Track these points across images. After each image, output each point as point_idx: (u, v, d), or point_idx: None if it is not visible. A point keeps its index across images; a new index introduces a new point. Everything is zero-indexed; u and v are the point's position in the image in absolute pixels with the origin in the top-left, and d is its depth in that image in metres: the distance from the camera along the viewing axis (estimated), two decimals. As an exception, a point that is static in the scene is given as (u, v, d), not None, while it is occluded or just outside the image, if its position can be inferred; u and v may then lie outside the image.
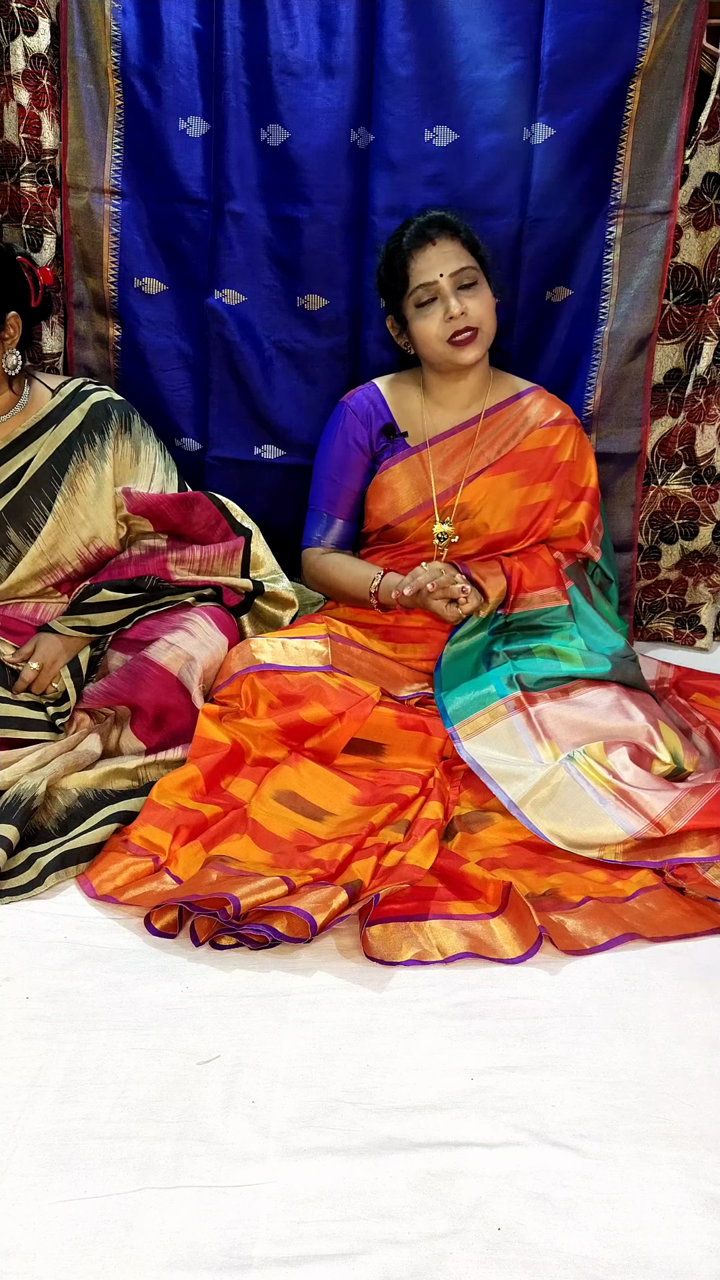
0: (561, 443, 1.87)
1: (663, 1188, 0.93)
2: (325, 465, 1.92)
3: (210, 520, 1.82)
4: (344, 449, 1.89)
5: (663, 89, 1.85)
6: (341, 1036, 1.11)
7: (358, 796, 1.54)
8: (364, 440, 1.88)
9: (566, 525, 1.90)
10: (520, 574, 1.83)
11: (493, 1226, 0.88)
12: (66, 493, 1.73)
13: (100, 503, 1.75)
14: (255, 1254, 0.86)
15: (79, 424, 1.74)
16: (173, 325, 2.03)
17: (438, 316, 1.74)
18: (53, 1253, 0.85)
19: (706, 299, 1.99)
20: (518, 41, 1.83)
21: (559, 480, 1.86)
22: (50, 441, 1.72)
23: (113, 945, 1.25)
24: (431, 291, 1.74)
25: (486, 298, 1.77)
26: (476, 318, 1.74)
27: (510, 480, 1.85)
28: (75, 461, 1.73)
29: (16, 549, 1.73)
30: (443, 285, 1.73)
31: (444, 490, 1.85)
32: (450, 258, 1.74)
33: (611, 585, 2.00)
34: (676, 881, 1.37)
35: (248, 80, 1.88)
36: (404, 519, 1.87)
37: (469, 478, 1.85)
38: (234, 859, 1.38)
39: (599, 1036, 1.12)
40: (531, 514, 1.86)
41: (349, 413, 1.90)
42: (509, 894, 1.31)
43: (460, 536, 1.86)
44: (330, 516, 1.92)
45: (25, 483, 1.71)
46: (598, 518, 1.94)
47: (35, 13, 1.83)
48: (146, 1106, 1.01)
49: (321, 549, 1.93)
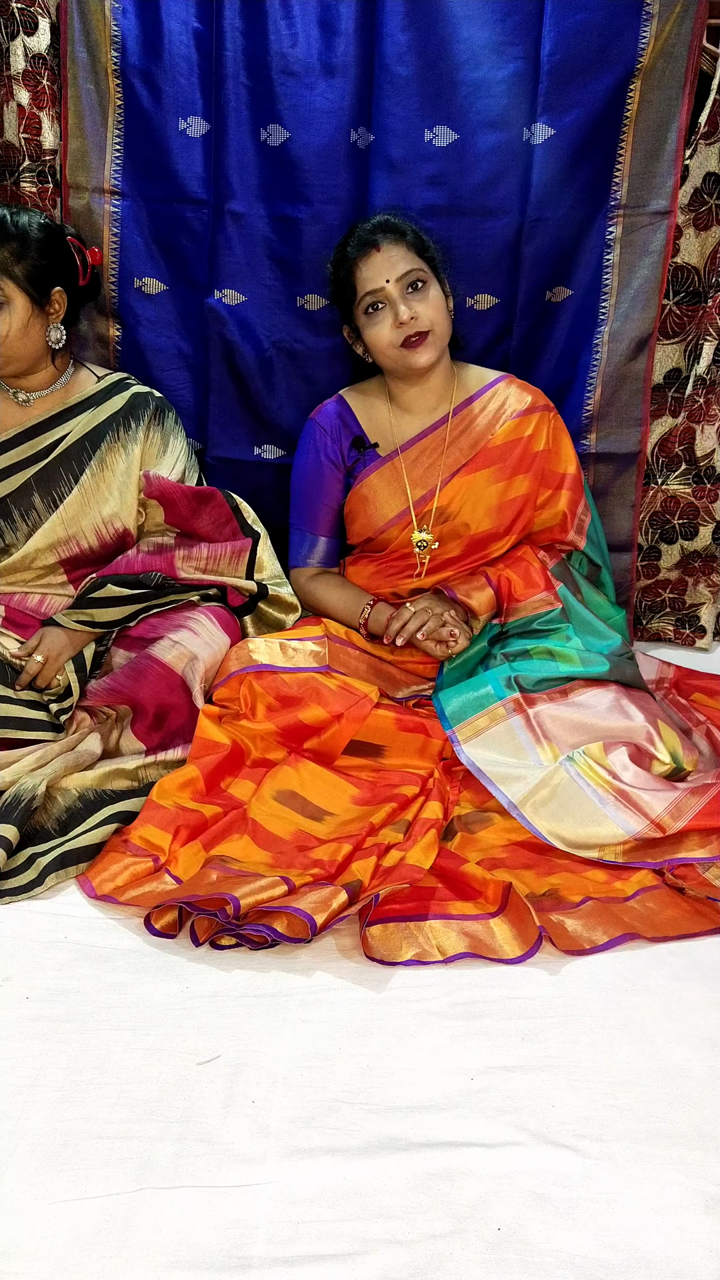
0: (535, 432, 1.84)
1: (663, 1188, 0.93)
2: (301, 484, 1.91)
3: (221, 518, 1.84)
4: (317, 466, 1.88)
5: (663, 89, 1.85)
6: (341, 1036, 1.11)
7: (358, 796, 1.54)
8: (336, 456, 1.87)
9: (548, 515, 1.88)
10: (509, 582, 1.82)
11: (493, 1226, 0.88)
12: (95, 468, 1.77)
13: (127, 483, 1.78)
14: (255, 1254, 0.86)
15: (118, 409, 1.79)
16: (173, 325, 2.03)
17: (388, 323, 1.72)
18: (53, 1253, 0.85)
19: (706, 299, 1.99)
20: (518, 41, 1.83)
21: (536, 470, 1.84)
22: (87, 421, 1.77)
23: (113, 945, 1.25)
24: (379, 298, 1.72)
25: (437, 298, 1.73)
26: (427, 320, 1.72)
27: (486, 477, 1.83)
28: (108, 441, 1.77)
29: (38, 515, 1.76)
30: (390, 291, 1.70)
31: (421, 496, 1.84)
32: (396, 261, 1.71)
33: (602, 570, 1.97)
34: (676, 881, 1.37)
35: (248, 80, 1.88)
36: (385, 529, 1.86)
37: (444, 480, 1.83)
38: (234, 859, 1.38)
39: (599, 1036, 1.12)
40: (512, 509, 1.85)
41: (318, 429, 1.89)
42: (509, 894, 1.31)
43: (441, 540, 1.85)
44: (313, 535, 1.92)
45: (57, 455, 1.76)
46: (582, 503, 1.91)
47: (35, 13, 1.83)
48: (146, 1106, 1.01)
49: (310, 570, 1.93)
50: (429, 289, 1.73)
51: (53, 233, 1.70)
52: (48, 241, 1.68)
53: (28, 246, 1.64)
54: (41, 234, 1.67)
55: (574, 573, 1.89)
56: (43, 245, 1.67)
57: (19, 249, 1.63)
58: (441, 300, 1.75)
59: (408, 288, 1.71)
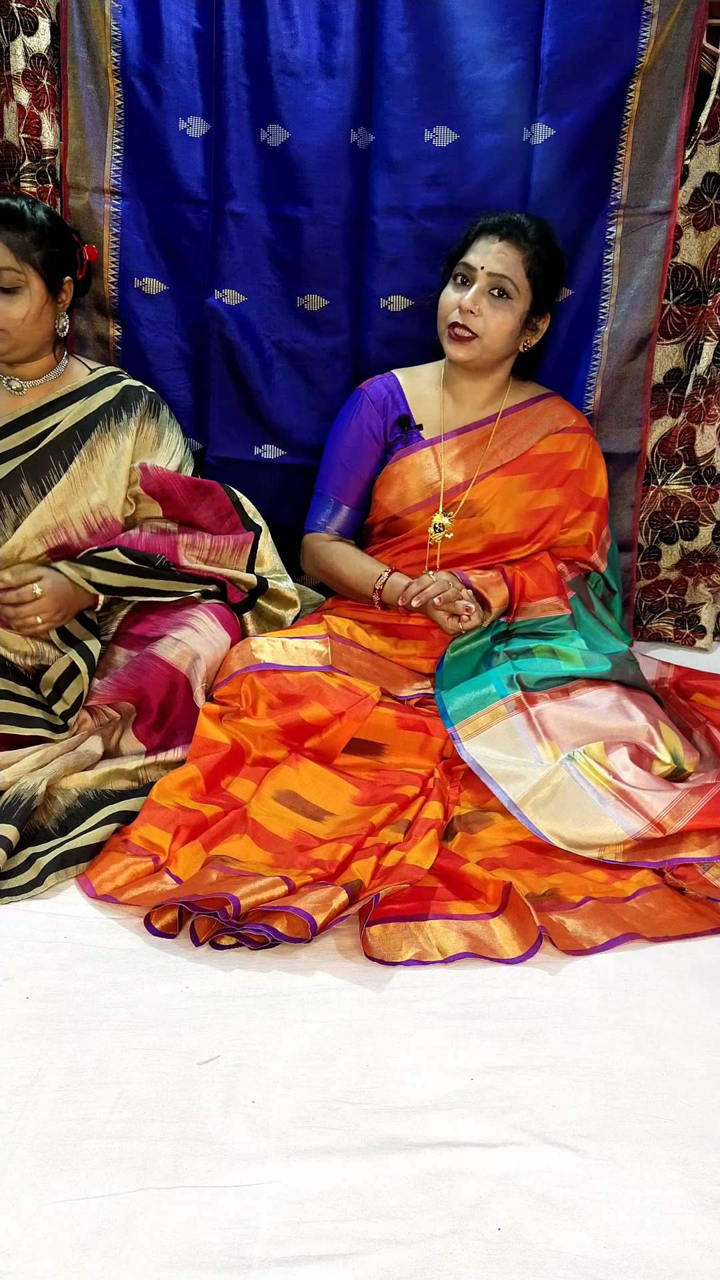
0: (574, 450, 1.87)
1: (663, 1188, 0.93)
2: (337, 450, 1.91)
3: (222, 511, 1.84)
4: (358, 436, 1.89)
5: (663, 89, 1.85)
6: (341, 1036, 1.11)
7: (358, 796, 1.54)
8: (379, 429, 1.88)
9: (575, 535, 1.90)
10: (523, 582, 1.82)
11: (493, 1226, 0.88)
12: (85, 456, 1.77)
13: (116, 473, 1.79)
14: (255, 1254, 0.86)
15: (109, 400, 1.80)
16: (173, 325, 2.03)
17: (456, 298, 1.76)
18: (53, 1253, 0.85)
19: (706, 299, 1.99)
20: (518, 41, 1.83)
21: (569, 488, 1.86)
22: (78, 411, 1.78)
23: (113, 945, 1.25)
24: (469, 274, 1.75)
25: (507, 320, 1.75)
26: (481, 326, 1.74)
27: (521, 482, 1.85)
28: (99, 430, 1.78)
29: (26, 502, 1.76)
30: (479, 276, 1.74)
31: (453, 486, 1.85)
32: (502, 260, 1.73)
33: (615, 597, 2.00)
34: (676, 881, 1.37)
35: (248, 80, 1.88)
36: (411, 511, 1.87)
37: (480, 475, 1.84)
38: (234, 859, 1.38)
39: (599, 1036, 1.12)
40: (539, 518, 1.86)
41: (366, 400, 1.89)
42: (509, 894, 1.31)
43: (464, 535, 1.85)
44: (338, 502, 1.91)
45: (47, 443, 1.76)
46: (605, 529, 1.94)
47: (35, 13, 1.83)
48: (146, 1106, 1.01)
49: (327, 535, 1.92)
50: (509, 305, 1.75)
51: (62, 225, 1.74)
52: (59, 232, 1.71)
53: (44, 235, 1.67)
54: (54, 225, 1.71)
55: (590, 591, 1.91)
56: (56, 235, 1.70)
57: (37, 236, 1.67)
58: (510, 326, 1.76)
59: (493, 289, 1.74)
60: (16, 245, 1.64)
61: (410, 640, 1.83)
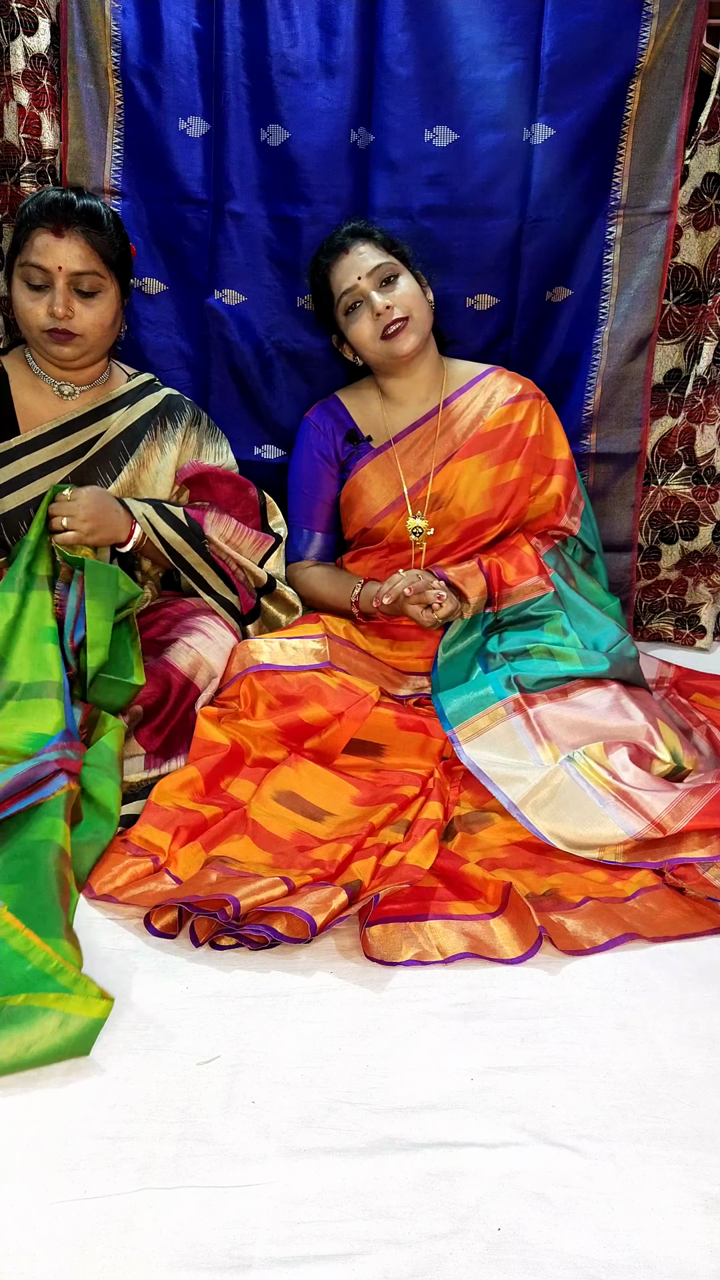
0: (526, 418, 1.87)
1: (663, 1188, 0.93)
2: (298, 481, 1.95)
3: (250, 510, 1.87)
4: (311, 462, 1.93)
5: (663, 89, 1.85)
6: (341, 1037, 1.11)
7: (357, 797, 1.54)
8: (329, 451, 1.92)
9: (542, 500, 1.90)
10: (499, 568, 1.82)
11: (493, 1226, 0.88)
12: (134, 466, 1.78)
13: (161, 481, 1.80)
14: (255, 1254, 0.86)
15: (153, 408, 1.80)
16: (173, 325, 2.03)
17: (366, 318, 1.78)
18: (53, 1253, 0.85)
19: (706, 299, 1.99)
20: (518, 42, 1.83)
21: (528, 456, 1.87)
22: (123, 420, 1.78)
23: (113, 945, 1.25)
24: (355, 296, 1.78)
25: (410, 287, 1.79)
26: (404, 307, 1.76)
27: (479, 462, 1.86)
28: (147, 439, 1.79)
29: None
30: (363, 286, 1.76)
31: (415, 483, 1.87)
32: (366, 259, 1.77)
33: (594, 557, 1.99)
34: (676, 882, 1.37)
35: (248, 80, 1.88)
36: (380, 518, 1.88)
37: (437, 467, 1.86)
38: (234, 859, 1.38)
39: (599, 1036, 1.12)
40: (505, 493, 1.86)
41: (311, 426, 1.94)
42: (509, 894, 1.31)
43: (437, 527, 1.87)
44: (309, 531, 1.95)
45: (94, 454, 1.75)
46: (575, 488, 1.94)
47: (35, 13, 1.83)
48: (146, 1106, 1.01)
49: (307, 562, 1.96)
50: (402, 279, 1.78)
51: (121, 224, 1.72)
52: (122, 232, 1.70)
53: (117, 235, 1.66)
54: (119, 224, 1.69)
55: (568, 559, 1.90)
56: (123, 237, 1.69)
57: (114, 238, 1.65)
58: (416, 289, 1.79)
59: (380, 282, 1.77)
60: (100, 247, 1.62)
61: (407, 641, 1.84)
